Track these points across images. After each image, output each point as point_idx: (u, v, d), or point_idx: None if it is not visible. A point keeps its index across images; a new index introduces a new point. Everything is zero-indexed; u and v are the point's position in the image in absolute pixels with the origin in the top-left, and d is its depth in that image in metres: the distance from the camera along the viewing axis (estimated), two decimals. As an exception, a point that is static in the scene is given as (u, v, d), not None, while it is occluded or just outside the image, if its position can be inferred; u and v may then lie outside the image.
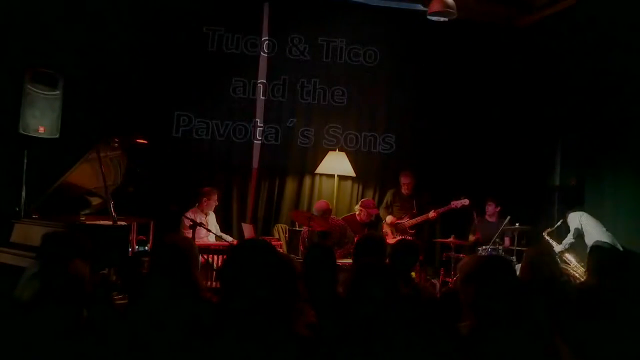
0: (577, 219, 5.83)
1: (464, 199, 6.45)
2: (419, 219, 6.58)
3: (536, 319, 2.58)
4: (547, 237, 6.08)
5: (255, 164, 7.08)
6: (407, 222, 6.64)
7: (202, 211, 6.14)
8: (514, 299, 2.51)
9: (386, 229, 6.73)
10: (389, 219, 6.74)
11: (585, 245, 5.63)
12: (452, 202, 6.48)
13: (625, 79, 5.88)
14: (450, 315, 2.54)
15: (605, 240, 5.55)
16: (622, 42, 5.86)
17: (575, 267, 5.77)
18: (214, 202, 6.16)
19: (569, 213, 5.95)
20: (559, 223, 6.02)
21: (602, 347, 2.65)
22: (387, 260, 3.64)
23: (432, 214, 6.51)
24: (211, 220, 6.24)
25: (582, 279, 5.58)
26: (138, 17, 6.23)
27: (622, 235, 5.90)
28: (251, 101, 7.06)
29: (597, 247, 3.80)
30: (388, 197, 6.88)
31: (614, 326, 2.71)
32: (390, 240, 6.30)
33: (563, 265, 5.79)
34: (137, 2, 6.25)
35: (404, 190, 6.71)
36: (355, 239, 6.42)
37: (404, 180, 6.68)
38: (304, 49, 7.23)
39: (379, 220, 7.19)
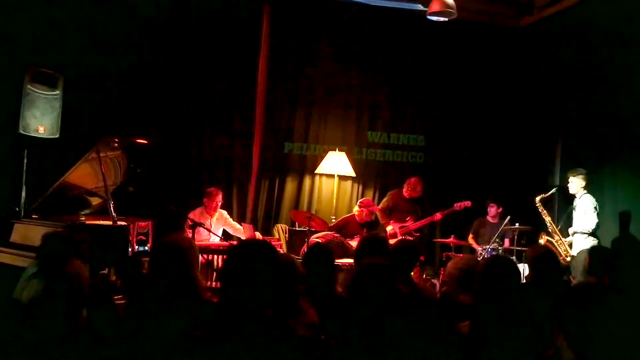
0: (579, 185, 5.77)
1: (466, 200, 6.47)
2: (424, 221, 6.59)
3: (537, 318, 2.58)
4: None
5: (255, 164, 7.07)
6: (412, 225, 6.63)
7: (207, 212, 6.13)
8: (515, 299, 2.52)
9: (394, 230, 6.65)
10: (394, 226, 6.66)
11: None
12: (455, 204, 6.51)
13: (626, 78, 5.88)
14: (451, 315, 2.54)
15: (583, 230, 5.57)
16: (623, 41, 5.85)
17: (559, 241, 5.78)
18: (216, 203, 6.13)
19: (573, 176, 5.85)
20: (553, 190, 6.03)
21: (603, 346, 2.65)
22: (387, 261, 3.64)
23: (438, 215, 6.54)
24: (219, 221, 6.21)
25: (564, 256, 5.66)
26: (138, 17, 6.22)
27: (621, 235, 5.91)
28: (251, 100, 7.06)
29: (596, 248, 3.81)
30: (388, 201, 6.76)
31: (614, 325, 2.71)
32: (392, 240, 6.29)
33: (548, 240, 5.82)
34: (137, 2, 6.24)
35: (409, 193, 6.63)
36: (356, 239, 6.44)
37: (417, 186, 6.59)
38: (304, 49, 7.23)
39: (378, 220, 7.20)
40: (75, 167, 4.55)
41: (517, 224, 6.10)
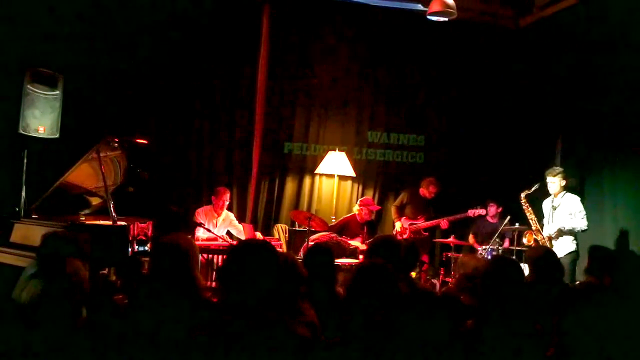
0: (559, 184, 5.70)
1: (481, 208, 6.51)
2: (431, 223, 6.64)
3: (538, 318, 2.59)
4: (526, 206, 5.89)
5: (255, 164, 7.07)
6: (422, 224, 6.68)
7: (214, 210, 6.18)
8: (517, 299, 2.52)
9: (403, 225, 6.72)
10: (403, 222, 6.74)
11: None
12: (469, 211, 6.53)
13: (626, 78, 5.88)
14: (451, 315, 2.54)
15: (574, 229, 5.53)
16: (623, 41, 5.85)
17: (542, 240, 5.72)
18: (223, 201, 6.17)
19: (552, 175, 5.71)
20: (536, 186, 5.83)
21: (603, 345, 2.65)
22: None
23: (444, 223, 6.57)
24: (225, 221, 6.25)
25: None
26: (138, 17, 6.22)
27: (622, 235, 5.91)
28: (251, 100, 7.06)
29: (597, 248, 3.81)
30: (403, 197, 6.87)
31: (614, 325, 2.71)
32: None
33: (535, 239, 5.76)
34: (137, 2, 6.24)
35: (423, 193, 6.71)
36: (357, 240, 6.44)
37: (429, 186, 6.65)
38: (304, 48, 7.23)
39: (378, 218, 7.23)
40: (75, 167, 4.55)
41: (517, 224, 6.10)
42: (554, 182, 5.68)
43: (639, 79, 5.71)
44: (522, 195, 5.83)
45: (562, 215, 5.62)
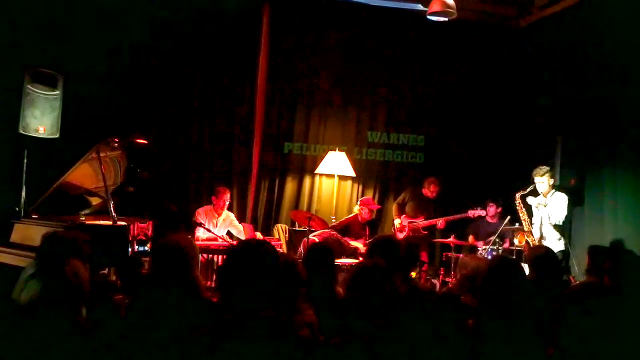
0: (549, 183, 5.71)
1: (481, 208, 6.54)
2: (429, 222, 6.68)
3: (538, 318, 2.59)
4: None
5: (255, 164, 7.07)
6: (421, 222, 6.73)
7: (215, 210, 6.18)
8: (518, 299, 2.52)
9: (402, 223, 6.79)
10: (403, 220, 6.80)
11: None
12: (469, 211, 6.56)
13: (626, 78, 5.88)
14: (452, 315, 2.54)
15: (553, 221, 5.55)
16: (623, 42, 5.85)
17: (533, 241, 5.73)
18: (223, 201, 6.18)
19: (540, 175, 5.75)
20: (531, 187, 5.85)
21: (603, 345, 2.65)
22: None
23: (441, 223, 6.61)
24: (225, 221, 6.26)
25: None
26: (138, 17, 6.22)
27: (622, 235, 5.90)
28: (251, 100, 7.06)
29: (597, 248, 3.81)
30: (405, 195, 6.94)
31: (614, 325, 2.71)
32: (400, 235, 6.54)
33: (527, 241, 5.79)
34: (137, 2, 6.24)
35: (425, 192, 6.77)
36: (360, 241, 6.44)
37: (430, 186, 6.72)
38: (304, 48, 7.23)
39: (379, 217, 7.22)
40: (75, 167, 4.56)
41: (516, 224, 6.10)
42: (543, 181, 5.71)
43: (639, 78, 5.71)
44: (517, 195, 5.86)
45: (553, 214, 5.67)
